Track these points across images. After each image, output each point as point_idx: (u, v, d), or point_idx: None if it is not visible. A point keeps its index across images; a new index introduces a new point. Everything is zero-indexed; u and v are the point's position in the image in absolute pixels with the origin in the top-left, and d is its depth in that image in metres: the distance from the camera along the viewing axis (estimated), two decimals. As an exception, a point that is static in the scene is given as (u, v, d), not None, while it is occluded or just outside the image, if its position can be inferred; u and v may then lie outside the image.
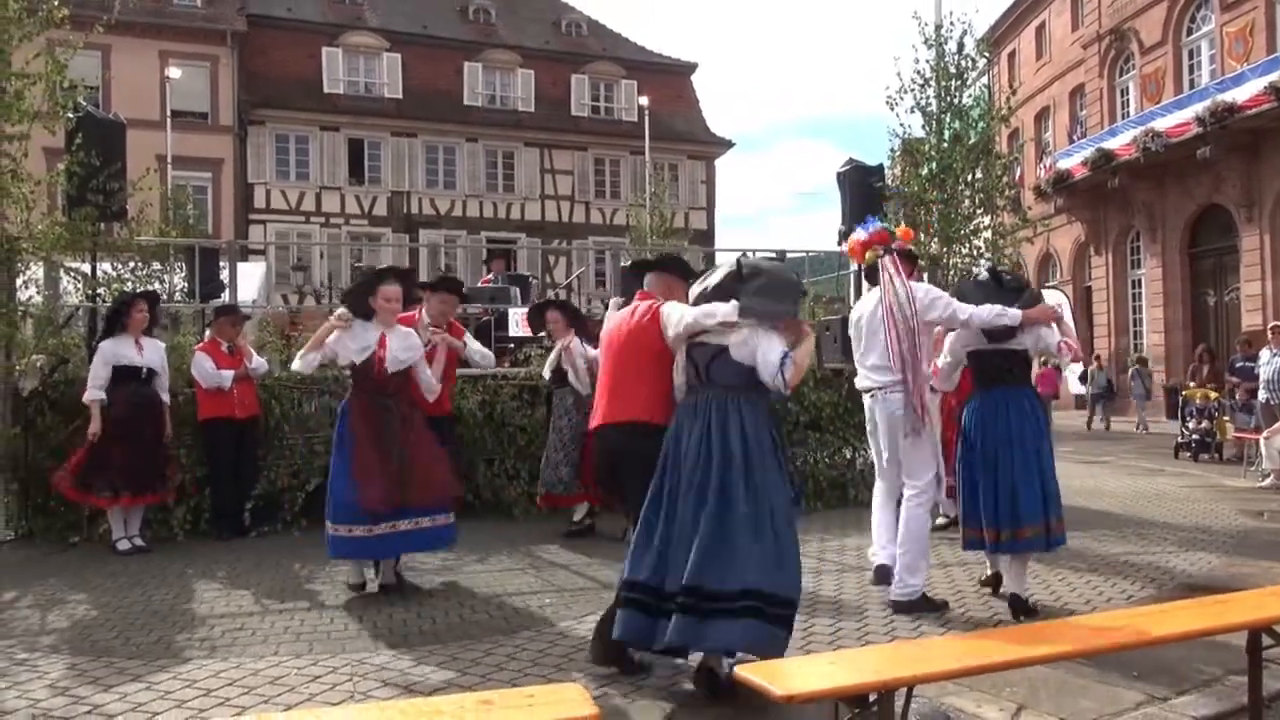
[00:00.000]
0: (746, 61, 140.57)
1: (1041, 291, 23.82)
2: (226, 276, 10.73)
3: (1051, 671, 3.80)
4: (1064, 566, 5.80)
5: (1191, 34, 21.33)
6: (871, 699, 2.79)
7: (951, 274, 11.03)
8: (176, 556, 6.48)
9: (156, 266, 11.96)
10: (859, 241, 5.17)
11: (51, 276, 8.57)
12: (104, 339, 6.81)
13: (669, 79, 33.89)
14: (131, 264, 11.12)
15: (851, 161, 10.76)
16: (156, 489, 6.84)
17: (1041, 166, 25.39)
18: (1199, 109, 18.37)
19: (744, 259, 4.07)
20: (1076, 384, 20.76)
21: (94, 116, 8.43)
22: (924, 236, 11.59)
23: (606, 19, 66.99)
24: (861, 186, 10.44)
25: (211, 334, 7.52)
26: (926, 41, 11.96)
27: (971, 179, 11.82)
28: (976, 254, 11.96)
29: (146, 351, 6.84)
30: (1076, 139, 24.53)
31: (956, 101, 11.92)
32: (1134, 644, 3.28)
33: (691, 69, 35.46)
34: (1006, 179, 13.56)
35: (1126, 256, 23.90)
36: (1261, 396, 11.30)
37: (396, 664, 4.13)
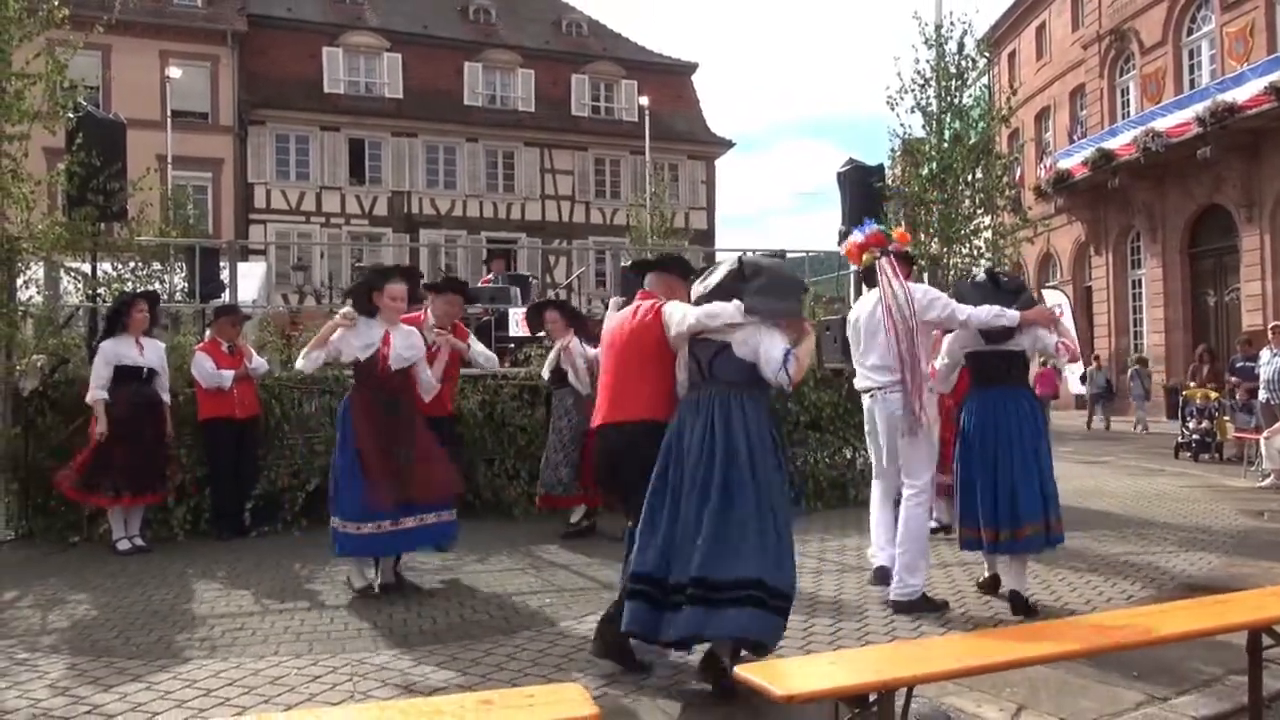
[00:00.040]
0: (747, 61, 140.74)
1: (1042, 292, 23.64)
2: (227, 276, 10.74)
3: (1051, 671, 3.80)
4: (1064, 566, 5.80)
5: (1192, 34, 21.33)
6: (871, 699, 2.79)
7: (951, 274, 11.02)
8: (176, 556, 6.48)
9: (157, 266, 11.93)
10: (855, 244, 5.21)
11: (52, 276, 8.57)
12: (104, 339, 6.81)
13: (669, 79, 33.90)
14: (132, 264, 11.10)
15: (852, 161, 10.76)
16: (157, 489, 6.85)
17: (1042, 166, 25.39)
18: (1199, 109, 18.38)
19: (745, 257, 4.09)
20: (1077, 384, 20.76)
21: (94, 116, 8.45)
22: (924, 237, 11.57)
23: (607, 19, 67.10)
24: (862, 186, 10.44)
25: (212, 334, 7.53)
26: (927, 41, 11.93)
27: (972, 179, 11.80)
28: (977, 254, 11.93)
29: (147, 352, 6.85)
30: (1077, 139, 24.53)
31: (957, 102, 11.89)
32: (1134, 644, 3.28)
33: (692, 69, 35.46)
34: (1007, 179, 13.54)
35: (1127, 256, 23.91)
36: (1262, 396, 11.29)
37: (396, 664, 4.13)
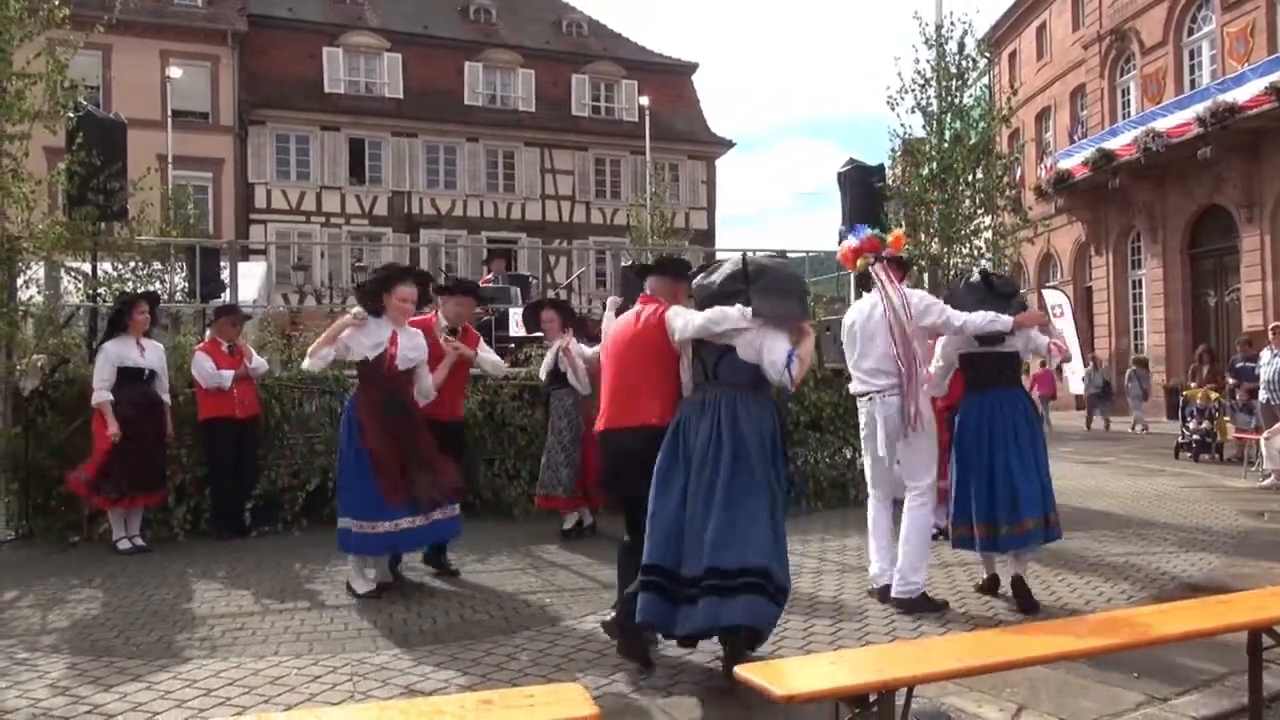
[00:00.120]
0: (747, 61, 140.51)
1: (1042, 292, 23.57)
2: (227, 276, 10.75)
3: (1051, 671, 3.80)
4: (1064, 566, 5.80)
5: (1192, 34, 21.33)
6: (872, 699, 2.79)
7: (951, 274, 11.02)
8: (177, 556, 6.49)
9: (157, 266, 11.96)
10: (850, 249, 5.23)
11: (52, 276, 8.57)
12: (106, 340, 6.81)
13: (669, 79, 33.91)
14: (132, 264, 11.13)
15: (852, 161, 10.76)
16: (157, 489, 6.86)
17: (1042, 167, 25.39)
18: (1200, 109, 18.37)
19: (749, 258, 4.13)
20: (1078, 384, 20.75)
21: (95, 116, 8.45)
22: (924, 237, 11.57)
23: (607, 19, 67.09)
24: (862, 186, 10.44)
25: (212, 334, 7.53)
26: (927, 42, 11.93)
27: (972, 179, 11.79)
28: (977, 254, 11.93)
29: (148, 353, 6.86)
30: (1077, 139, 24.52)
31: (957, 102, 11.88)
32: (1134, 644, 3.28)
33: (692, 69, 35.47)
34: (1007, 179, 13.53)
35: (1127, 257, 23.90)
36: (1262, 397, 11.29)
37: (397, 664, 4.13)
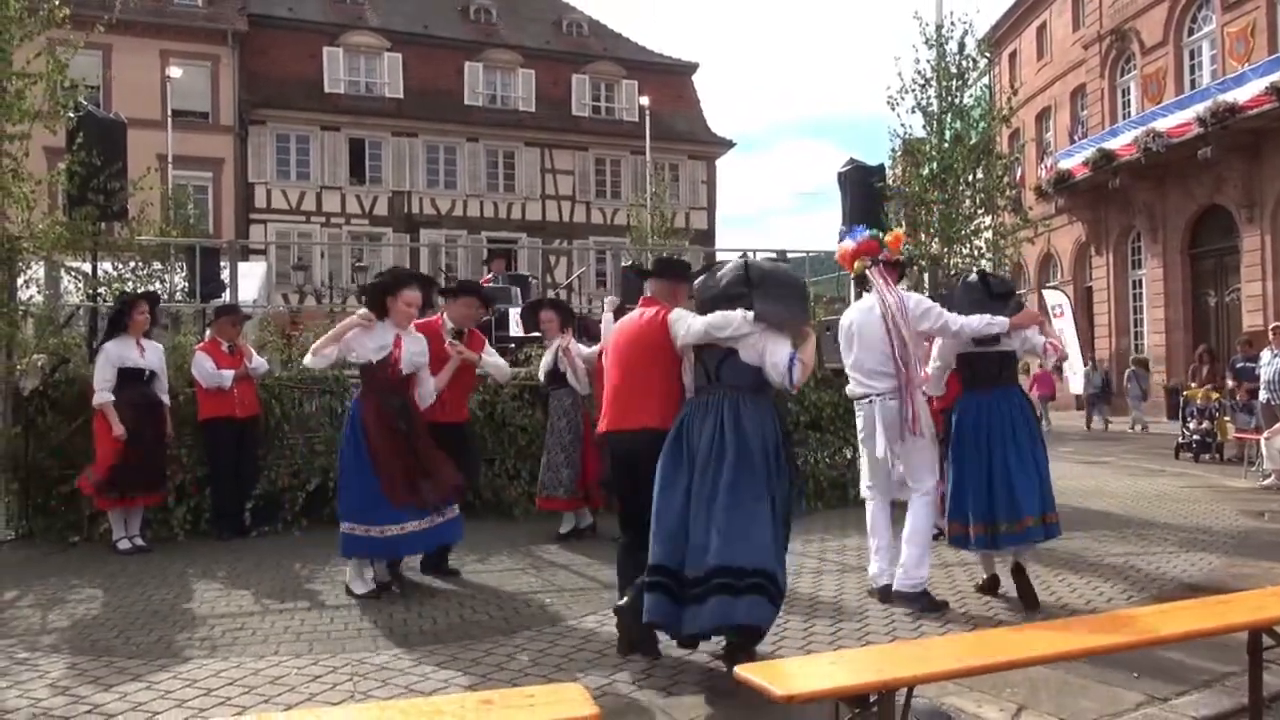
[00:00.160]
0: (747, 61, 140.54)
1: (1042, 292, 23.55)
2: (227, 276, 10.77)
3: (1052, 671, 3.80)
4: (1064, 566, 5.80)
5: (1192, 34, 21.32)
6: (872, 699, 2.79)
7: (951, 274, 11.03)
8: (177, 556, 6.48)
9: (157, 266, 11.97)
10: (847, 251, 5.25)
11: (52, 276, 8.58)
12: (106, 341, 6.81)
13: (670, 79, 33.91)
14: (132, 264, 11.13)
15: (852, 161, 10.76)
16: (157, 489, 6.86)
17: (1042, 167, 25.39)
18: (1200, 109, 18.36)
19: (750, 261, 4.15)
20: (1078, 384, 20.74)
21: (95, 116, 8.45)
22: (925, 237, 11.58)
23: (607, 19, 67.13)
24: (862, 186, 10.45)
25: (212, 334, 7.53)
26: (927, 42, 11.93)
27: (972, 179, 11.79)
28: (977, 254, 11.94)
29: (148, 353, 6.87)
30: (1077, 139, 24.52)
31: (957, 102, 11.89)
32: (1134, 644, 3.28)
33: (692, 69, 35.46)
34: (1007, 179, 13.54)
35: (1127, 257, 23.89)
36: (1262, 397, 11.28)
37: (397, 664, 4.13)
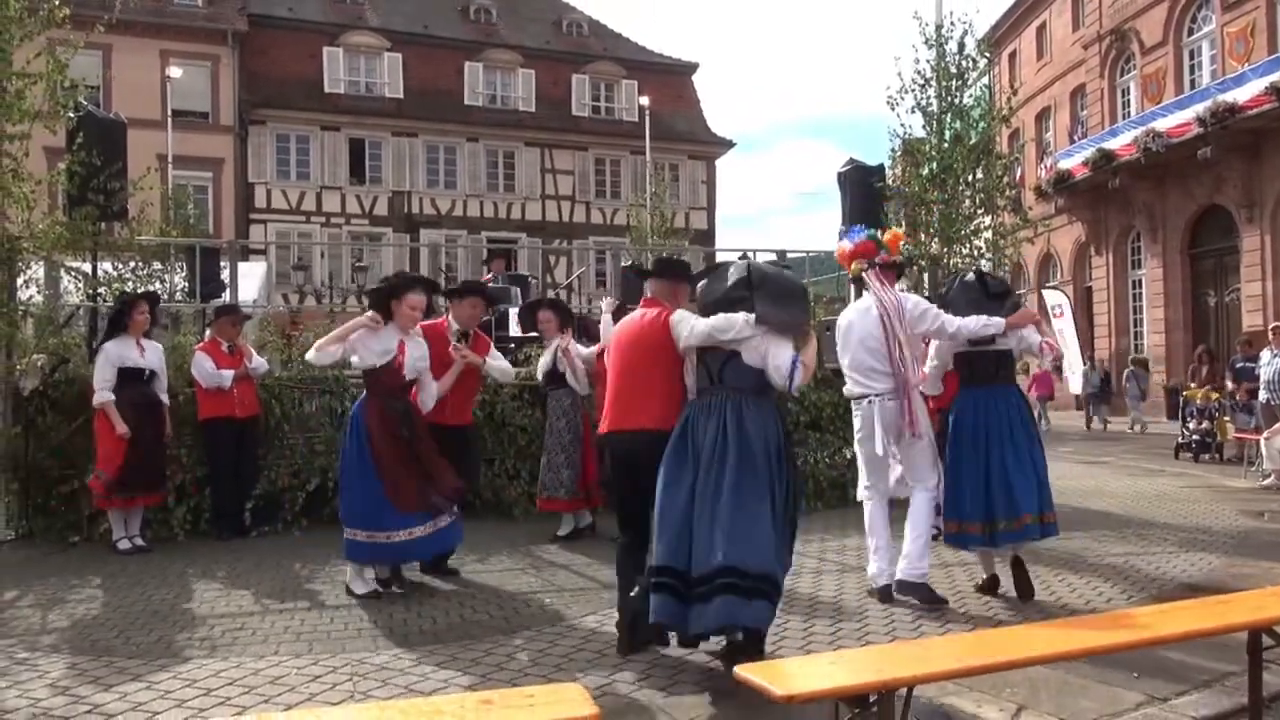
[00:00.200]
0: (747, 61, 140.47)
1: (1042, 292, 23.55)
2: (227, 276, 10.75)
3: (1051, 672, 3.81)
4: (1064, 566, 5.80)
5: (1192, 34, 21.33)
6: (872, 699, 2.79)
7: (950, 274, 11.04)
8: (177, 556, 6.49)
9: (157, 266, 11.96)
10: (845, 252, 5.26)
11: (52, 276, 8.58)
12: (106, 341, 6.81)
13: (670, 79, 33.91)
14: (132, 264, 11.12)
15: (852, 161, 10.76)
16: (157, 489, 6.87)
17: (1042, 167, 25.39)
18: (1200, 109, 18.37)
19: (753, 265, 4.17)
20: (1078, 384, 20.73)
21: (95, 116, 8.45)
22: (924, 237, 11.58)
23: (607, 19, 67.03)
24: (862, 186, 10.44)
25: (212, 334, 7.54)
26: (927, 42, 11.94)
27: (972, 179, 11.80)
28: (977, 254, 11.95)
29: (148, 353, 6.87)
30: (1077, 139, 24.52)
31: (957, 102, 11.90)
32: (1134, 644, 3.28)
33: (692, 69, 35.46)
34: (1007, 179, 13.54)
35: (1127, 257, 23.90)
36: (1262, 397, 11.28)
37: (397, 664, 4.13)
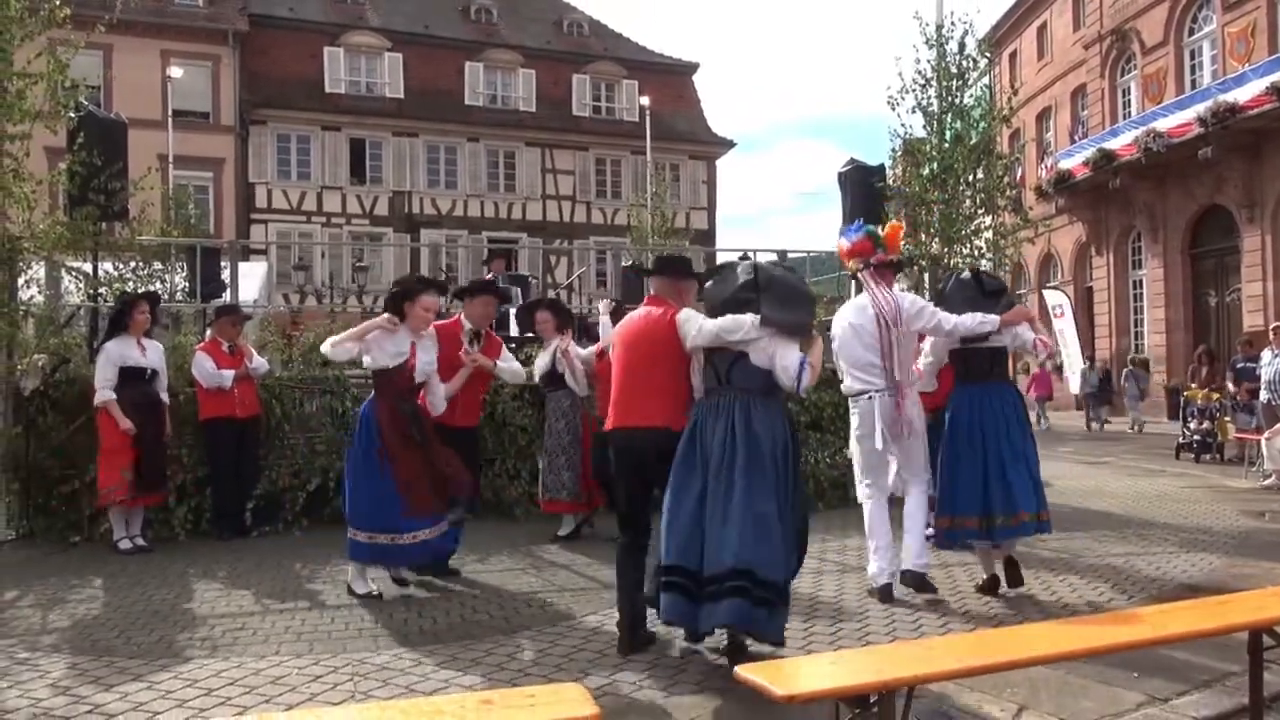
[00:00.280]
0: (747, 61, 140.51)
1: (1042, 292, 23.62)
2: (228, 276, 10.75)
3: (1052, 671, 3.81)
4: (1064, 566, 5.80)
5: (1193, 34, 21.31)
6: (872, 699, 2.79)
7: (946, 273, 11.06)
8: (177, 556, 6.49)
9: (158, 266, 11.96)
10: (843, 249, 5.30)
11: (53, 276, 8.57)
12: (107, 340, 6.82)
13: (670, 79, 33.91)
14: (133, 263, 11.12)
15: (853, 161, 10.76)
16: (158, 489, 6.87)
17: (1043, 167, 25.38)
18: (1200, 109, 18.35)
19: (760, 266, 4.19)
20: (1078, 384, 20.73)
21: (95, 116, 8.44)
22: (925, 236, 11.59)
23: (608, 19, 67.02)
24: (863, 186, 10.45)
25: (212, 334, 7.54)
26: (928, 42, 11.95)
27: (973, 179, 11.81)
28: (978, 254, 11.95)
29: (149, 353, 6.88)
30: (1078, 139, 24.51)
31: (958, 102, 11.91)
32: (1134, 644, 3.28)
33: (693, 69, 35.46)
34: (1008, 179, 13.56)
35: (1128, 257, 23.88)
36: (1263, 397, 11.27)
37: (397, 664, 4.13)
